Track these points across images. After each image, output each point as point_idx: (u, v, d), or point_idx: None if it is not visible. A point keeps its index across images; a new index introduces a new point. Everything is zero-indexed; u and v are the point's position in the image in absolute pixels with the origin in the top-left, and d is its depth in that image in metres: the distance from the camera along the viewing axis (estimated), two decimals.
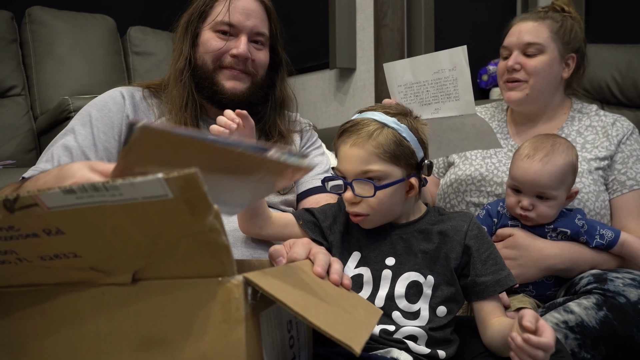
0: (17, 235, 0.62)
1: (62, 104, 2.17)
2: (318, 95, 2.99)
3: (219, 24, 1.29)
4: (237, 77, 1.30)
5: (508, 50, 1.54)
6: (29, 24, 2.63)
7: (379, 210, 1.01)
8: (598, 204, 1.43)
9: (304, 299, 0.71)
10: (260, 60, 1.33)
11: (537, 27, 1.51)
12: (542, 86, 1.50)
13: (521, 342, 0.82)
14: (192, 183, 0.56)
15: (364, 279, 1.02)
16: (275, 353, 0.71)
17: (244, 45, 1.28)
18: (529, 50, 1.50)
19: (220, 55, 1.29)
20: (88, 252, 0.64)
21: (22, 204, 0.59)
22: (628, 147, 1.49)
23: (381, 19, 2.67)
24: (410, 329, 0.98)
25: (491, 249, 1.03)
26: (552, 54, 1.50)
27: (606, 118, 1.54)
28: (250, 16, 1.30)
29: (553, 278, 1.33)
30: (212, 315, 0.63)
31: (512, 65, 1.51)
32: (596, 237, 1.31)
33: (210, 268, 0.62)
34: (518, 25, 1.54)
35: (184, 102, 1.27)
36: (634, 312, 1.15)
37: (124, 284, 0.65)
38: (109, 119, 1.26)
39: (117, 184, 0.57)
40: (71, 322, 0.67)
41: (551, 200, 1.29)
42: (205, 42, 1.30)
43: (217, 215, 0.59)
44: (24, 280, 0.69)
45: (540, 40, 1.49)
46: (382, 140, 0.99)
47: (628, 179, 1.46)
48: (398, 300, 0.99)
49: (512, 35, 1.54)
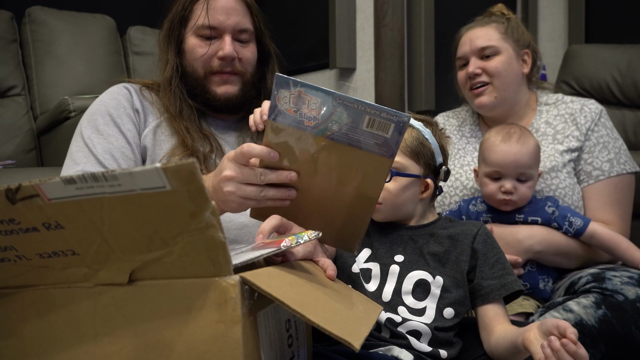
0: (18, 229, 0.63)
1: (62, 103, 2.17)
2: None
3: (200, 28, 1.26)
4: (227, 80, 1.28)
5: (464, 59, 1.55)
6: (29, 24, 2.63)
7: (392, 200, 1.06)
8: (575, 197, 1.44)
9: (302, 297, 0.71)
10: (247, 58, 1.30)
11: (485, 32, 1.53)
12: (506, 85, 1.51)
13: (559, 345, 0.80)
14: (189, 174, 0.56)
15: (372, 272, 1.05)
16: (273, 353, 0.71)
17: (228, 45, 1.26)
18: (484, 53, 1.51)
19: (209, 60, 1.27)
20: (85, 249, 0.64)
21: (24, 194, 0.59)
22: (595, 134, 1.48)
23: (381, 19, 2.67)
24: (416, 324, 0.99)
25: (499, 254, 1.06)
26: (508, 53, 1.51)
27: (573, 104, 1.54)
28: (231, 14, 1.27)
29: (535, 265, 1.36)
30: (208, 316, 0.63)
31: (474, 71, 1.51)
32: (565, 225, 1.34)
33: (207, 268, 0.62)
34: (466, 34, 1.56)
35: (177, 109, 1.26)
36: (632, 310, 1.15)
37: (120, 284, 0.65)
38: (127, 116, 1.25)
39: (116, 173, 0.57)
40: (68, 323, 0.68)
41: (530, 180, 1.34)
42: (191, 49, 1.28)
43: (214, 211, 0.59)
44: (22, 282, 0.69)
45: (492, 42, 1.51)
46: (406, 136, 1.06)
47: (594, 169, 1.46)
48: (405, 296, 1.02)
49: (464, 45, 1.55)
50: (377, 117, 0.83)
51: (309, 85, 0.84)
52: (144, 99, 1.30)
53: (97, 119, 1.24)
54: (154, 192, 0.57)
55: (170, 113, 1.26)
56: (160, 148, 1.24)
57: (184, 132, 1.23)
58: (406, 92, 2.74)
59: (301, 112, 0.85)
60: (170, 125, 1.26)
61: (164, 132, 1.26)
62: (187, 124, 1.25)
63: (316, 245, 0.95)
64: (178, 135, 1.24)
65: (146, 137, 1.25)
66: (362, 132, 0.85)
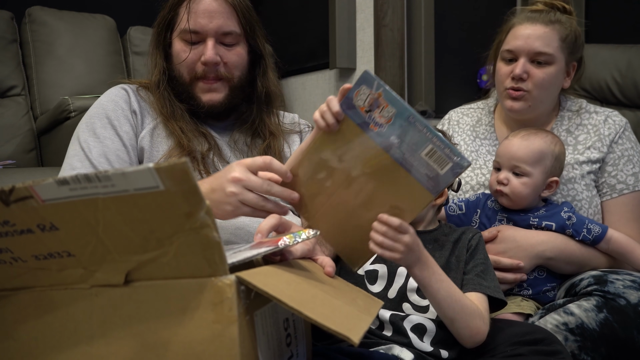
0: (13, 231, 0.63)
1: (62, 104, 2.17)
2: (318, 95, 2.98)
3: (183, 32, 1.24)
4: (212, 88, 1.25)
5: (513, 54, 1.42)
6: (29, 24, 2.63)
7: None
8: (592, 210, 1.41)
9: (299, 294, 0.71)
10: (233, 62, 1.26)
11: (548, 34, 1.39)
12: (544, 97, 1.43)
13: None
14: (183, 174, 0.56)
15: (379, 273, 1.06)
16: (271, 352, 0.71)
17: (210, 50, 1.22)
18: (538, 58, 1.39)
19: (193, 65, 1.24)
20: (81, 250, 0.64)
21: (18, 195, 0.59)
22: (619, 147, 1.44)
23: (381, 19, 2.67)
24: (420, 319, 1.01)
25: (487, 261, 1.10)
26: (559, 65, 1.41)
27: (597, 115, 1.48)
28: (214, 17, 1.22)
29: (545, 272, 1.33)
30: (205, 316, 0.63)
31: (520, 75, 1.39)
32: (583, 232, 1.31)
33: (203, 268, 0.62)
34: (525, 26, 1.41)
35: (169, 111, 1.25)
36: (634, 314, 1.14)
37: (116, 285, 0.65)
38: (125, 118, 1.24)
39: (109, 174, 0.57)
40: (65, 325, 0.68)
41: (524, 176, 1.31)
42: (176, 54, 1.26)
43: (209, 211, 0.59)
44: (19, 284, 0.69)
45: (551, 50, 1.38)
46: None
47: (618, 182, 1.42)
48: (409, 294, 1.04)
49: (519, 39, 1.40)
50: (439, 150, 0.82)
51: (390, 93, 0.84)
52: (142, 99, 1.30)
53: (95, 122, 1.24)
54: (148, 192, 0.57)
55: (164, 115, 1.26)
56: (158, 150, 1.24)
57: (179, 133, 1.23)
58: (406, 92, 2.74)
59: (371, 115, 0.85)
60: (166, 127, 1.26)
61: (160, 134, 1.26)
62: (182, 124, 1.24)
63: (315, 244, 0.95)
64: (174, 136, 1.24)
65: (143, 139, 1.24)
66: (418, 159, 0.84)
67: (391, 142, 0.85)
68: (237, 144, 1.31)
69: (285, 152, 1.34)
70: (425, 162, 0.84)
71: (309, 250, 0.92)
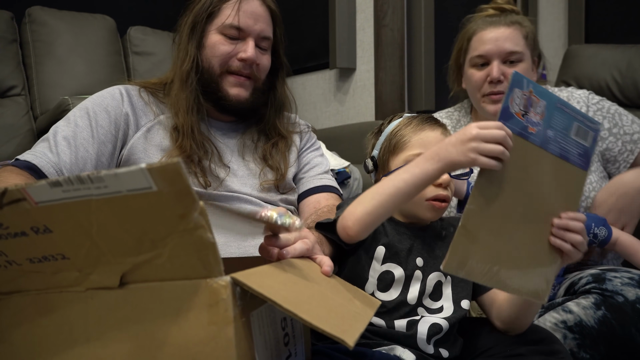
0: (6, 234, 0.62)
1: (62, 104, 2.17)
2: (318, 95, 2.98)
3: (227, 27, 1.28)
4: (242, 84, 1.30)
5: (484, 59, 1.45)
6: (29, 24, 2.63)
7: None
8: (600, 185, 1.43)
9: (295, 295, 0.70)
10: (264, 65, 1.33)
11: (513, 34, 1.43)
12: None
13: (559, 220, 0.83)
14: (175, 175, 0.56)
15: (396, 277, 1.03)
16: (268, 352, 0.71)
17: (251, 49, 1.28)
18: (510, 58, 1.43)
19: (228, 59, 1.28)
20: (75, 253, 0.63)
21: (10, 198, 0.59)
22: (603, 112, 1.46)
23: (381, 19, 2.67)
24: (434, 319, 1.01)
25: None
26: (528, 62, 1.45)
27: (562, 92, 1.51)
28: (258, 20, 1.30)
29: None
30: (200, 318, 0.62)
31: (498, 77, 1.42)
32: (590, 237, 1.31)
33: (197, 269, 0.62)
34: (490, 30, 1.45)
35: (190, 105, 1.26)
36: (632, 311, 1.14)
37: (111, 287, 0.65)
38: (106, 113, 1.25)
39: (101, 175, 0.56)
40: (60, 328, 0.67)
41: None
42: (213, 45, 1.29)
43: (203, 212, 0.59)
44: (14, 287, 0.69)
45: (520, 48, 1.42)
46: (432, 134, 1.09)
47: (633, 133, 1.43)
48: (423, 297, 1.04)
49: (487, 43, 1.44)
50: (582, 125, 0.80)
51: (538, 86, 0.80)
52: (141, 100, 1.30)
53: (75, 111, 1.27)
54: (141, 194, 0.57)
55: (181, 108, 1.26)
56: (155, 150, 1.24)
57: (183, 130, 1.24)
58: (406, 92, 2.74)
59: (528, 117, 0.81)
60: (167, 125, 1.26)
61: (158, 134, 1.26)
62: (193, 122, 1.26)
63: (314, 243, 0.95)
64: (173, 135, 1.24)
65: (139, 139, 1.25)
66: (570, 141, 0.81)
67: (548, 137, 0.81)
68: (245, 145, 1.34)
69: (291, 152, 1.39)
70: (575, 142, 0.82)
71: (307, 250, 0.92)
